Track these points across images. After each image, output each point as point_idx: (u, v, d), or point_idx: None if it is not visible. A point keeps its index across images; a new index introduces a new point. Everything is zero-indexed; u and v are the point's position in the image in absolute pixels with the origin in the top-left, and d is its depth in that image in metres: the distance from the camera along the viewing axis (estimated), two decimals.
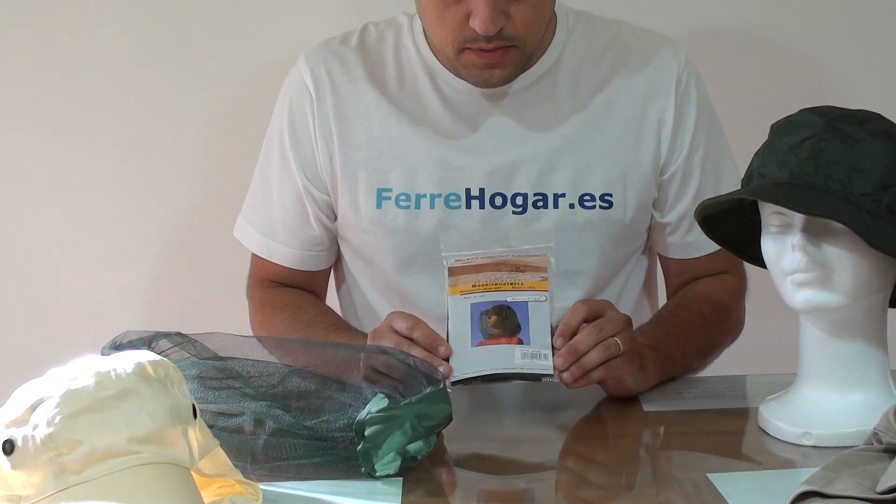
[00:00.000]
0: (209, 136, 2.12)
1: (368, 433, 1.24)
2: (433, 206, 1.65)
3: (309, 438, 1.26)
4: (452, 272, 1.49)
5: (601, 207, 1.65)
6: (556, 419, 1.49)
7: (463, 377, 1.41)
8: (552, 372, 1.41)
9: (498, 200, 1.64)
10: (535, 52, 1.61)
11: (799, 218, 1.28)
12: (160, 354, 1.19)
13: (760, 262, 1.36)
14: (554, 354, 1.42)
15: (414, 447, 1.27)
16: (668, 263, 1.76)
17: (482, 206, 1.64)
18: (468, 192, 1.64)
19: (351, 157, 1.67)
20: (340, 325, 1.69)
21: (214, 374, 1.32)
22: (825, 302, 1.29)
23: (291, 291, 1.75)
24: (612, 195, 1.65)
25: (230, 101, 2.10)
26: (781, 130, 1.32)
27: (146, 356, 1.11)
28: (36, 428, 1.03)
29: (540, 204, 1.64)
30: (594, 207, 1.65)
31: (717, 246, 1.49)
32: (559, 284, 1.56)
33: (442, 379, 1.34)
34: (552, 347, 1.42)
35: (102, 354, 1.17)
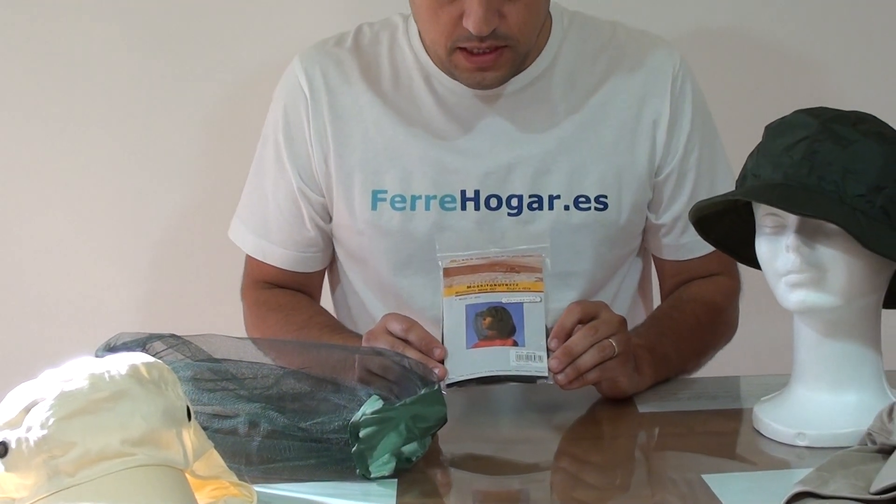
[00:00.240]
0: (204, 137, 2.12)
1: (363, 435, 1.24)
2: (428, 207, 1.64)
3: (303, 440, 1.26)
4: (447, 273, 1.49)
5: (596, 209, 1.65)
6: (551, 420, 1.49)
7: (458, 379, 1.41)
8: (547, 374, 1.41)
9: (493, 202, 1.64)
10: (529, 53, 1.61)
11: (793, 219, 1.28)
12: (154, 356, 1.19)
13: (754, 263, 1.36)
14: (549, 356, 1.42)
15: (409, 448, 1.27)
16: (662, 265, 1.76)
17: (477, 207, 1.64)
18: (463, 193, 1.64)
19: (346, 158, 1.67)
20: (335, 326, 1.69)
21: (209, 375, 1.32)
22: (819, 303, 1.29)
23: (286, 293, 1.75)
24: (607, 197, 1.65)
25: (225, 102, 2.10)
26: (775, 132, 1.32)
27: (140, 358, 1.10)
28: (30, 430, 1.03)
29: (535, 205, 1.64)
30: (589, 209, 1.65)
31: (711, 247, 1.50)
32: (554, 286, 1.56)
33: (437, 381, 1.33)
34: (547, 349, 1.42)
35: (96, 356, 1.17)
